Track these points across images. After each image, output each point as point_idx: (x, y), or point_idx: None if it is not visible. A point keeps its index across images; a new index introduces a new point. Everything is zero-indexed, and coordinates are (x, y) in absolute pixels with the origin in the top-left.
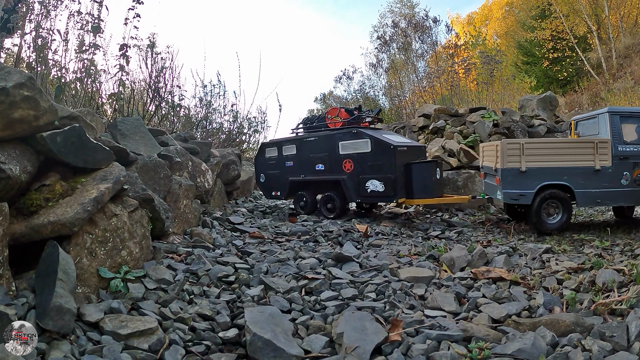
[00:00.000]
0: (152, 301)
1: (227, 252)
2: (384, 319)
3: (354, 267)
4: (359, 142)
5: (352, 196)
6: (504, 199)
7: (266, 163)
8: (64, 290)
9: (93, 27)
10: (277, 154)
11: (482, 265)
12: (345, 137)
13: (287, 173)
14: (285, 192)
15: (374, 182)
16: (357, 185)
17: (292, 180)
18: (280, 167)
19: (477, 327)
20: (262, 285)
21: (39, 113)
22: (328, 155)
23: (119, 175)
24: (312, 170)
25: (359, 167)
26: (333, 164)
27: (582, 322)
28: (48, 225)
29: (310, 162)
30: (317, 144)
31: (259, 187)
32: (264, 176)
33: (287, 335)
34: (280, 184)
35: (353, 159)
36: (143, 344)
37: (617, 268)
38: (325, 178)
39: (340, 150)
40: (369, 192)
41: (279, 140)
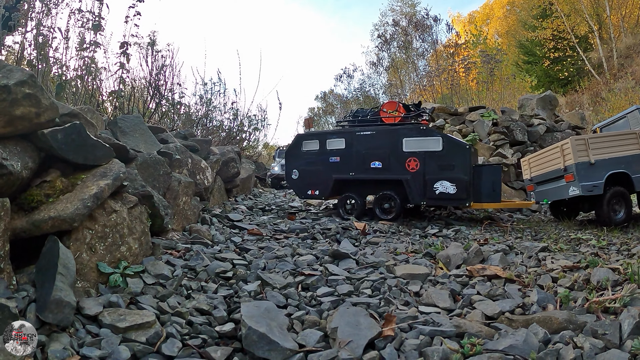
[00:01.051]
0: (150, 296)
1: (225, 248)
2: (378, 315)
3: (350, 264)
4: (428, 139)
5: (415, 198)
6: (582, 191)
7: (302, 157)
8: (63, 284)
9: (94, 24)
10: (319, 148)
11: (478, 263)
12: (411, 134)
13: (331, 170)
14: (326, 191)
15: (444, 183)
16: (422, 186)
17: (338, 178)
18: (322, 162)
19: (470, 323)
20: (259, 281)
21: (40, 110)
22: (388, 152)
23: (118, 171)
24: (365, 168)
25: (426, 167)
26: (394, 162)
27: (575, 320)
28: (48, 221)
29: (364, 158)
30: (374, 139)
31: (290, 185)
32: (298, 172)
33: (282, 329)
34: (321, 181)
35: (419, 157)
36: (141, 336)
37: (612, 267)
38: (382, 177)
39: (404, 147)
40: (437, 194)
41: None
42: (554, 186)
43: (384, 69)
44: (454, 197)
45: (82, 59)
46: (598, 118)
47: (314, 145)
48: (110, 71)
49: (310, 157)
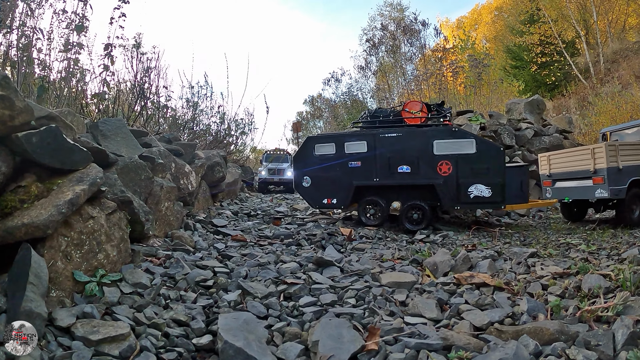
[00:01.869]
0: (126, 306)
1: (207, 255)
2: (362, 326)
3: (335, 271)
4: (460, 142)
5: (448, 203)
6: (610, 195)
7: (315, 162)
8: (34, 294)
9: (77, 26)
10: (335, 152)
11: (466, 270)
12: (443, 136)
13: (351, 176)
14: (345, 200)
15: (479, 186)
16: (456, 190)
17: (360, 185)
18: (340, 168)
19: (458, 335)
20: (240, 290)
21: (14, 113)
22: (417, 156)
23: (95, 176)
24: (391, 173)
25: (460, 170)
26: (424, 166)
27: (567, 330)
28: (22, 228)
29: (390, 163)
30: (401, 141)
31: (301, 194)
32: (310, 179)
33: (260, 342)
34: (339, 189)
35: (452, 160)
36: (114, 350)
37: (603, 273)
38: (411, 182)
39: (435, 150)
40: (472, 198)
41: (340, 133)
42: (578, 185)
43: (372, 73)
44: (489, 200)
45: (66, 61)
46: (585, 122)
47: (330, 149)
48: (95, 73)
49: (325, 162)
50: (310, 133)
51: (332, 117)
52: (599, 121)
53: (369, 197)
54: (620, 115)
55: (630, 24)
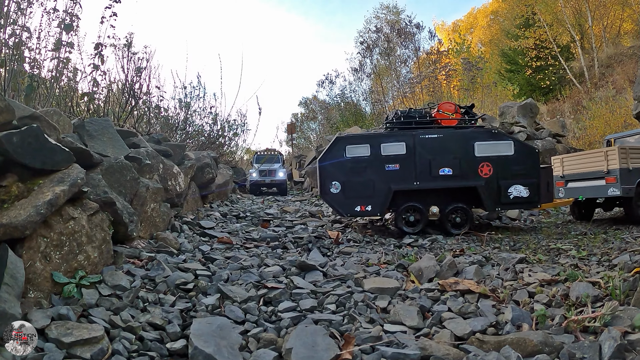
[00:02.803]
0: (103, 308)
1: (191, 257)
2: (340, 334)
3: (317, 276)
4: (500, 143)
5: (490, 204)
6: (622, 193)
7: (345, 166)
8: (9, 295)
9: (66, 25)
10: (370, 154)
11: (452, 276)
12: (483, 137)
13: (388, 180)
14: (382, 206)
15: (517, 187)
16: (497, 191)
17: (399, 189)
18: (376, 171)
19: (438, 345)
20: (219, 294)
21: None
22: (459, 158)
23: (76, 177)
24: (432, 176)
25: (500, 172)
26: (466, 168)
27: (551, 342)
28: (0, 228)
29: (432, 165)
30: (442, 142)
31: (328, 201)
32: (340, 185)
33: (232, 349)
34: (374, 194)
35: (492, 162)
36: (86, 352)
37: (592, 280)
38: (454, 185)
39: (477, 152)
40: (512, 199)
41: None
42: (591, 185)
43: (366, 75)
44: (527, 200)
45: (56, 60)
46: (579, 126)
47: (363, 150)
48: (85, 73)
49: (358, 166)
50: (304, 135)
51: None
52: (593, 125)
53: (408, 202)
54: (614, 120)
55: (625, 29)
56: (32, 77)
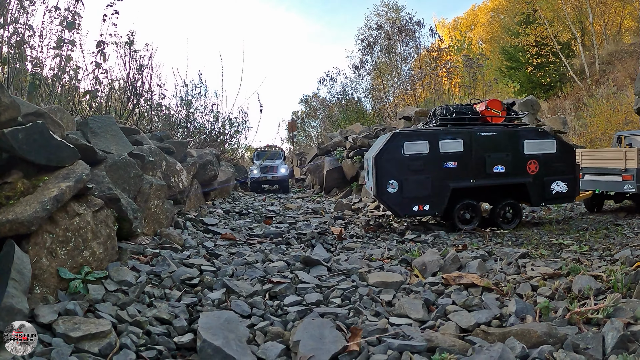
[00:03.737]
0: (110, 303)
1: (195, 253)
2: (346, 327)
3: (322, 271)
4: (544, 142)
5: (536, 200)
6: (637, 190)
7: (403, 163)
8: (16, 290)
9: (68, 23)
10: (429, 151)
11: (455, 270)
12: (531, 136)
13: (446, 177)
14: (441, 204)
15: (559, 183)
16: (542, 187)
17: (457, 187)
18: (434, 169)
19: (443, 337)
20: (225, 289)
21: (0, 109)
22: (510, 155)
23: (82, 173)
24: (486, 173)
25: (544, 169)
26: (516, 165)
27: (555, 333)
28: (6, 224)
29: (486, 163)
30: (495, 140)
31: (384, 201)
32: (398, 183)
33: (240, 342)
34: (433, 193)
35: (538, 159)
36: (94, 347)
37: (594, 274)
38: (505, 182)
39: (525, 150)
40: (554, 194)
41: (433, 130)
42: (608, 180)
43: (367, 72)
44: (566, 195)
45: (58, 58)
46: (580, 123)
47: (422, 147)
48: (87, 71)
49: (416, 163)
50: (305, 133)
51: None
52: (593, 122)
53: (464, 199)
54: (615, 117)
55: (626, 26)
56: (35, 76)
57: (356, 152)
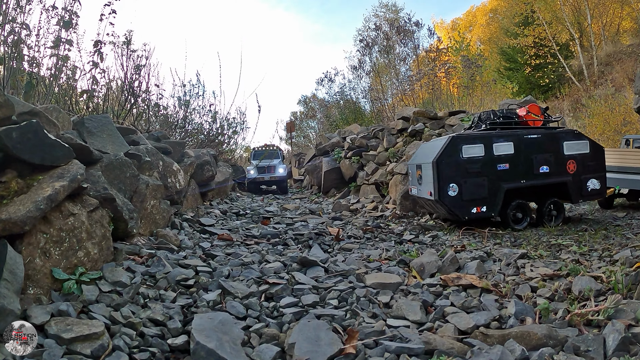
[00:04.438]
0: (104, 304)
1: (192, 254)
2: (342, 328)
3: (319, 272)
4: (580, 142)
5: (575, 197)
6: None
7: (462, 166)
8: (8, 291)
9: (64, 22)
10: (484, 154)
11: (454, 271)
12: (569, 137)
13: (500, 179)
14: (497, 205)
15: (593, 181)
16: (580, 185)
17: (509, 187)
18: (489, 171)
19: (442, 339)
20: (220, 290)
21: None
22: (553, 156)
23: (76, 173)
24: (534, 174)
25: (581, 168)
26: (558, 165)
27: (555, 335)
28: None
29: (533, 164)
30: (540, 142)
31: (445, 205)
32: (457, 186)
33: (235, 344)
34: (489, 195)
35: (576, 159)
36: (86, 348)
37: (594, 275)
38: (549, 182)
39: (565, 151)
40: (589, 191)
41: (487, 134)
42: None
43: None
44: (599, 191)
45: (55, 57)
46: (578, 124)
47: (478, 150)
48: (84, 70)
49: (473, 166)
50: (304, 133)
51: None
52: (592, 123)
53: (516, 199)
54: (613, 118)
55: (624, 27)
56: (31, 75)
57: (354, 153)
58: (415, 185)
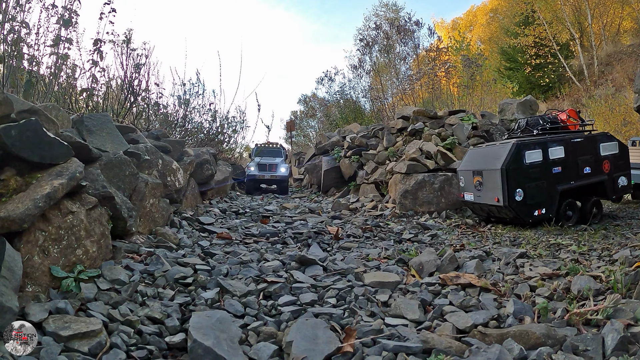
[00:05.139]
0: (102, 302)
1: (190, 252)
2: (340, 327)
3: (317, 270)
4: (611, 144)
5: (610, 194)
6: None
7: (526, 171)
8: (6, 288)
9: (64, 20)
10: (542, 159)
11: (452, 271)
12: (604, 140)
13: (555, 181)
14: (554, 207)
15: (622, 178)
16: (612, 183)
17: (563, 189)
18: (546, 174)
19: (440, 338)
20: (219, 288)
21: None
22: (593, 158)
23: (75, 171)
24: (579, 175)
25: (613, 167)
26: (596, 166)
27: (554, 334)
28: None
29: (578, 165)
30: (583, 145)
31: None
32: (522, 191)
33: (232, 342)
34: (547, 197)
35: (609, 159)
36: (84, 346)
37: (593, 274)
38: (591, 181)
39: (601, 152)
40: (620, 188)
41: (544, 139)
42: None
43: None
44: (626, 187)
45: (55, 56)
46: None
47: (537, 156)
48: (84, 69)
49: (534, 171)
50: (304, 132)
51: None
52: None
53: (566, 199)
54: (614, 118)
55: (625, 27)
56: (31, 74)
57: (354, 152)
58: (471, 192)
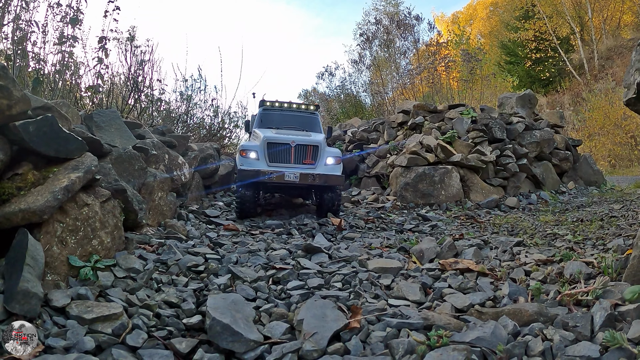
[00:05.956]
0: (120, 289)
1: (199, 243)
2: (346, 307)
3: (323, 258)
4: None
5: None
6: None
7: None
8: (31, 275)
9: (71, 19)
10: None
11: (452, 257)
12: None
13: None
14: None
15: None
16: None
17: None
18: None
19: (439, 316)
20: (230, 275)
21: (12, 102)
22: None
23: (90, 165)
24: None
25: None
26: None
27: (546, 312)
28: (19, 213)
29: None
30: None
31: None
32: None
33: (247, 321)
34: None
35: None
36: (107, 328)
37: (586, 260)
38: None
39: None
40: None
41: None
42: None
43: (365, 67)
44: None
45: (60, 54)
46: (578, 118)
47: None
48: (89, 66)
49: None
50: None
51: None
52: (592, 117)
53: None
54: (614, 112)
55: (625, 21)
56: (37, 72)
57: (355, 146)
58: None
